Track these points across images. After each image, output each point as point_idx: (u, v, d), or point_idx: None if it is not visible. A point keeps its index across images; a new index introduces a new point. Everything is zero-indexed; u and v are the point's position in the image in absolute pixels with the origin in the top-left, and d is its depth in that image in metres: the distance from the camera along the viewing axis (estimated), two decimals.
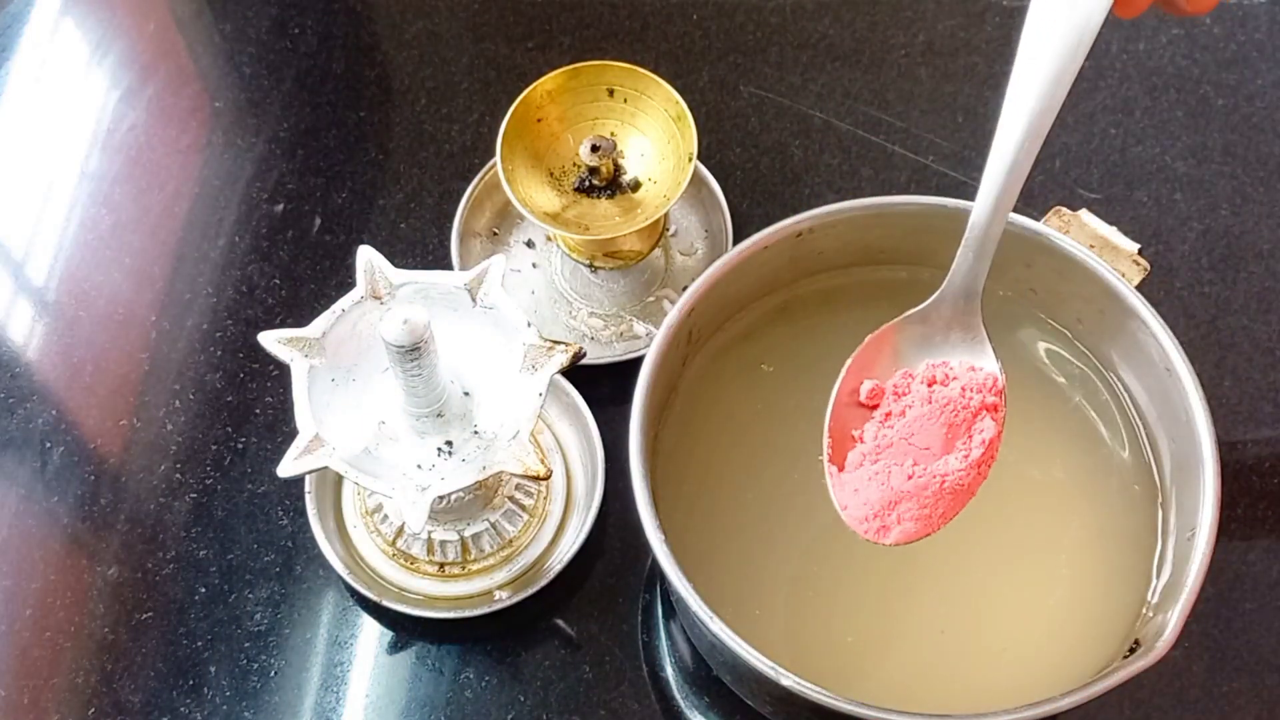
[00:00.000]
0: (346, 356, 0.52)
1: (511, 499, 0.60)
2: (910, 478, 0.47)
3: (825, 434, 0.48)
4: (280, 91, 0.75)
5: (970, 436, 0.48)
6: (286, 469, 0.49)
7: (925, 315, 0.50)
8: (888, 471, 0.47)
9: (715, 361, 0.58)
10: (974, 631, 0.53)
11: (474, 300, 0.52)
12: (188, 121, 0.75)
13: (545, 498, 0.61)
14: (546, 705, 0.58)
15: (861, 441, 0.49)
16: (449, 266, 0.67)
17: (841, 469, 0.48)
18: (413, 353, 0.48)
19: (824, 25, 0.76)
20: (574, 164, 0.63)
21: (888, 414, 0.49)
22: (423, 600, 0.59)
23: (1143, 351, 0.53)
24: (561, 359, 0.51)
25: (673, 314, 0.52)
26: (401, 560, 0.60)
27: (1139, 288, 0.53)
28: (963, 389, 0.48)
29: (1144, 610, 0.52)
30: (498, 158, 0.61)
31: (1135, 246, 0.55)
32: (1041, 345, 0.58)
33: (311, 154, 0.73)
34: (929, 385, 0.49)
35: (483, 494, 0.58)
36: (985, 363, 0.49)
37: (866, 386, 0.49)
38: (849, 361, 0.49)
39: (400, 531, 0.60)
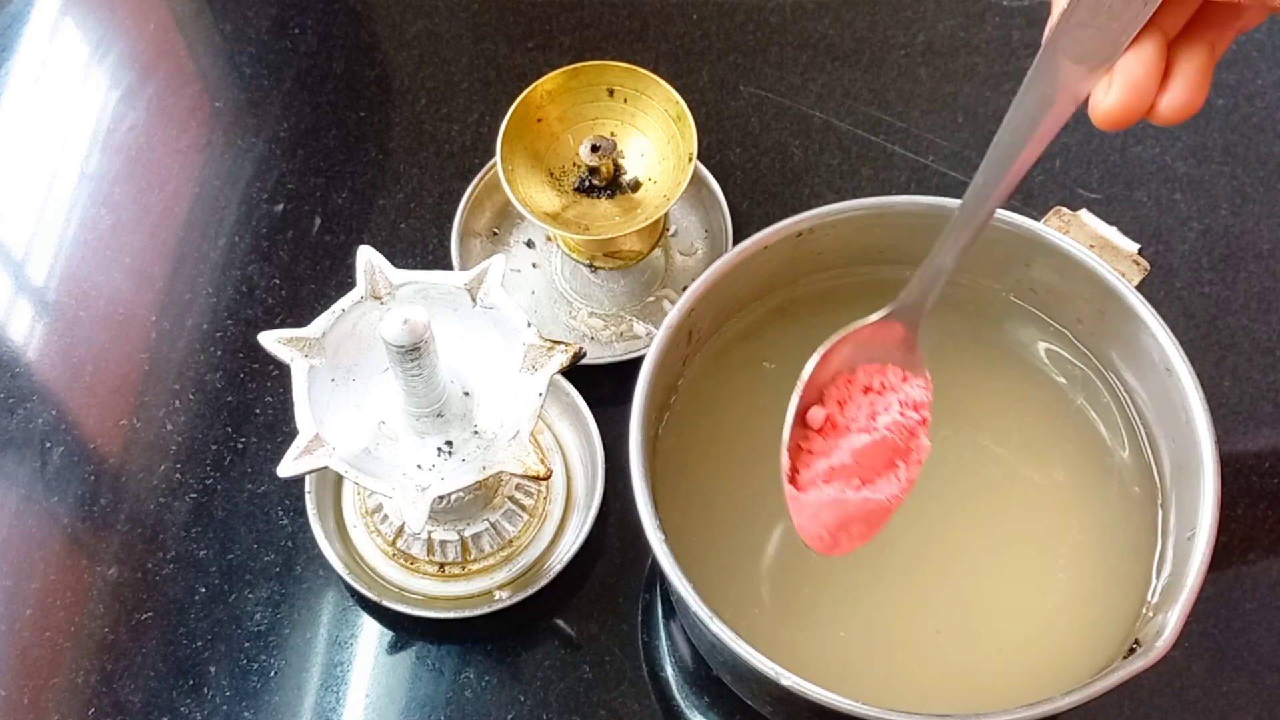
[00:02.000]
0: (346, 356, 0.52)
1: (511, 499, 0.60)
2: (863, 502, 0.49)
3: (783, 451, 0.49)
4: (280, 91, 0.75)
5: (909, 453, 0.50)
6: (286, 469, 0.49)
7: (874, 329, 0.50)
8: (844, 499, 0.49)
9: (715, 361, 0.58)
10: (974, 632, 0.53)
11: (474, 300, 0.52)
12: (188, 121, 0.75)
13: (545, 498, 0.61)
14: (546, 705, 0.58)
15: (811, 454, 0.50)
16: (449, 266, 0.67)
17: (794, 482, 0.49)
18: (413, 353, 0.48)
19: (824, 25, 0.76)
20: (574, 164, 0.63)
21: (835, 424, 0.50)
22: (423, 600, 0.59)
23: (1143, 351, 0.53)
24: (561, 359, 0.51)
25: (673, 314, 0.52)
26: (401, 560, 0.60)
27: (1139, 288, 0.53)
28: (901, 410, 0.50)
29: (1144, 610, 0.52)
30: (498, 158, 0.61)
31: (1135, 246, 0.55)
32: (1041, 345, 0.58)
33: (311, 154, 0.73)
34: (865, 393, 0.50)
35: (483, 494, 0.58)
36: (916, 369, 0.51)
37: (816, 416, 0.50)
38: (803, 377, 0.49)
39: (400, 531, 0.60)
